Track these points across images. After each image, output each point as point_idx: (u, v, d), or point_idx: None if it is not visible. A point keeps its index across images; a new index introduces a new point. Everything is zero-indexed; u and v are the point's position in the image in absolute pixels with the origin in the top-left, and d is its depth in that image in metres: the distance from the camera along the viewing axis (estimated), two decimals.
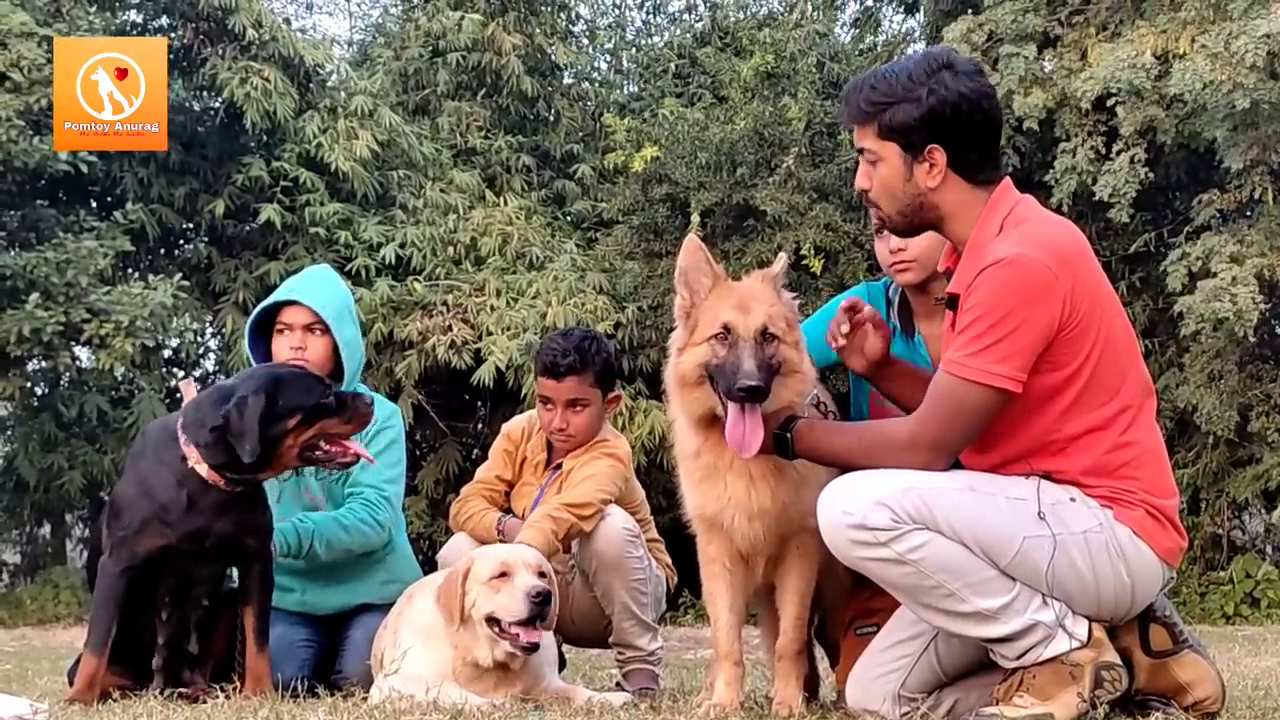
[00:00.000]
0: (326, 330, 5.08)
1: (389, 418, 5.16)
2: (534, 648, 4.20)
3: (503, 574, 4.22)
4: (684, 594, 14.16)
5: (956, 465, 3.66)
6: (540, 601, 4.16)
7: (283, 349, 5.10)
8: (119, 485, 4.56)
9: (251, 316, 5.23)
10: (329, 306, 5.10)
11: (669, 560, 5.29)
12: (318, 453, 4.48)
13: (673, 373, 3.93)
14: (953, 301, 3.67)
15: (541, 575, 4.25)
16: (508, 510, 5.09)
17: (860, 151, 3.78)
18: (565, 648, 5.30)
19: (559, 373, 4.96)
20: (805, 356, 3.91)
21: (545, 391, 5.01)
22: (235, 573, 4.70)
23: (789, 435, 3.77)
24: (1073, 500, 3.55)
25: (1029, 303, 3.48)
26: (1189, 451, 15.27)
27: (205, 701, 4.18)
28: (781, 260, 4.03)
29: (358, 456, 4.55)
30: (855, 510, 3.50)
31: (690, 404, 3.90)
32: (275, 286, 6.15)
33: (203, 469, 4.36)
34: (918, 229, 3.82)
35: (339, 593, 5.16)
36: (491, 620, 4.20)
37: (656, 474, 13.68)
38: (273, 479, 4.70)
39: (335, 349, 5.10)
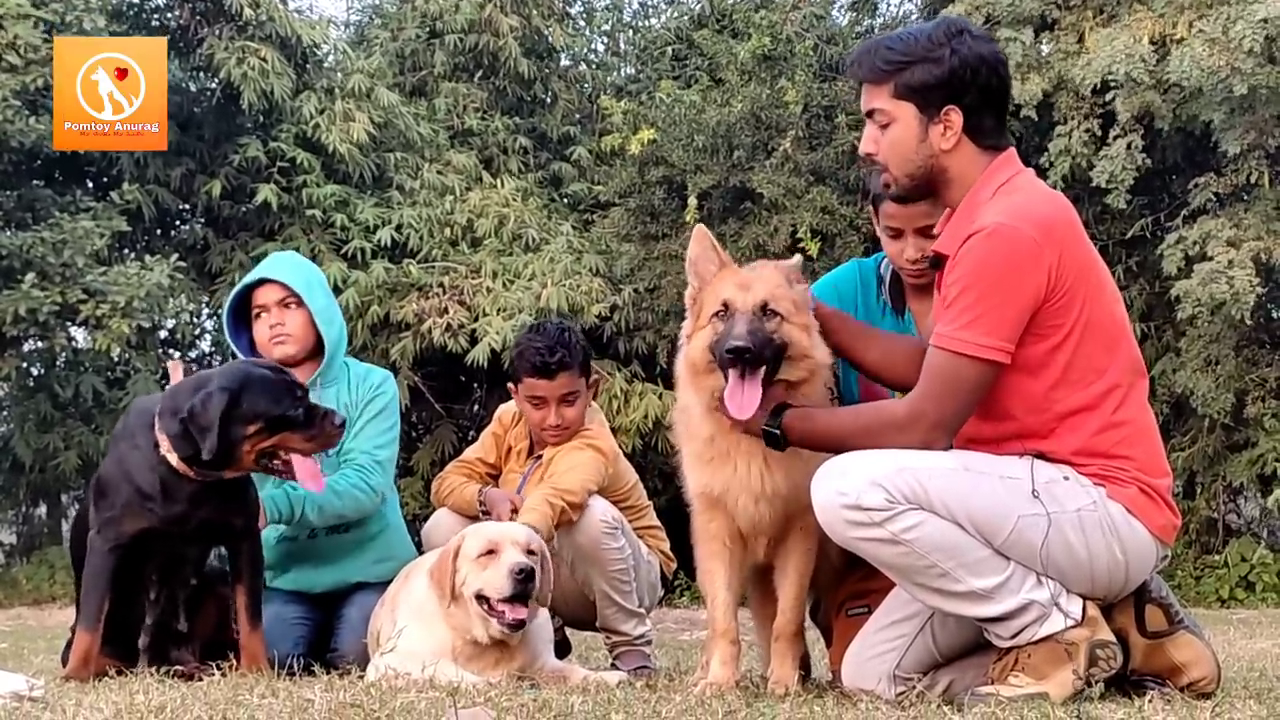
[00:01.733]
0: (301, 303, 5.09)
1: (381, 383, 5.17)
2: (519, 624, 4.18)
3: (490, 551, 4.22)
4: (679, 576, 14.17)
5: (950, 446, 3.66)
6: (523, 579, 4.14)
7: (263, 330, 5.10)
8: (104, 464, 4.55)
9: (226, 308, 5.22)
10: (298, 279, 5.11)
11: (666, 548, 5.28)
12: (275, 462, 4.40)
13: (683, 360, 3.92)
14: (937, 261, 3.67)
15: (530, 553, 4.24)
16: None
17: (869, 114, 3.76)
18: (567, 631, 5.31)
19: (551, 371, 4.93)
20: (818, 342, 3.87)
21: (537, 392, 4.96)
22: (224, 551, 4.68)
23: (778, 430, 3.74)
24: (1066, 479, 3.56)
25: (1013, 272, 3.48)
26: (1185, 435, 15.27)
27: (200, 679, 4.17)
28: (797, 258, 4.04)
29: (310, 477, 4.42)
30: (850, 490, 3.50)
31: (703, 390, 3.86)
32: None
33: (173, 458, 4.32)
34: (924, 194, 3.80)
35: (333, 571, 5.17)
36: (480, 598, 4.20)
37: (653, 456, 13.67)
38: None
39: (314, 321, 5.10)
